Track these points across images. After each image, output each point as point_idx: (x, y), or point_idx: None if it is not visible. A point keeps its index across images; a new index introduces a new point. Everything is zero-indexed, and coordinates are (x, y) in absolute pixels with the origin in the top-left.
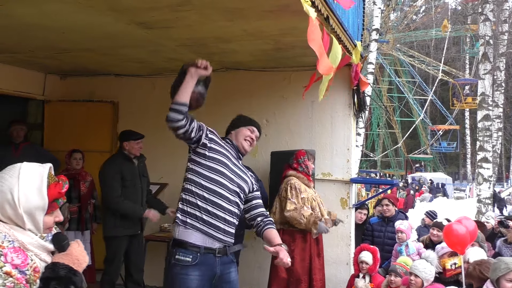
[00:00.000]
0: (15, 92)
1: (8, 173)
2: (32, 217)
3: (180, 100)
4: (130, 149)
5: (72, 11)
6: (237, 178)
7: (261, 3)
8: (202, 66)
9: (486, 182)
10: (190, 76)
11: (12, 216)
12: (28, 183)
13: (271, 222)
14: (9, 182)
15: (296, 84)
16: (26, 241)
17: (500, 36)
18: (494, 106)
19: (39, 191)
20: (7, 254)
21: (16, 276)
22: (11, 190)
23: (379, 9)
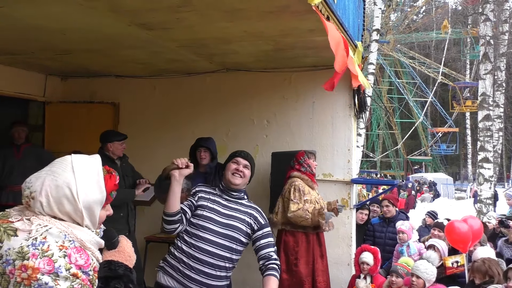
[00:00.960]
0: (16, 94)
1: (60, 167)
2: (90, 212)
3: (172, 211)
4: (114, 150)
5: (73, 13)
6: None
7: (262, 4)
8: (183, 166)
9: (487, 182)
10: (176, 182)
11: (71, 212)
12: (85, 177)
13: (273, 267)
14: (64, 176)
15: (297, 85)
16: (85, 238)
17: (500, 36)
18: (495, 106)
19: (98, 184)
20: (71, 255)
21: (82, 277)
22: (68, 184)
23: (380, 9)
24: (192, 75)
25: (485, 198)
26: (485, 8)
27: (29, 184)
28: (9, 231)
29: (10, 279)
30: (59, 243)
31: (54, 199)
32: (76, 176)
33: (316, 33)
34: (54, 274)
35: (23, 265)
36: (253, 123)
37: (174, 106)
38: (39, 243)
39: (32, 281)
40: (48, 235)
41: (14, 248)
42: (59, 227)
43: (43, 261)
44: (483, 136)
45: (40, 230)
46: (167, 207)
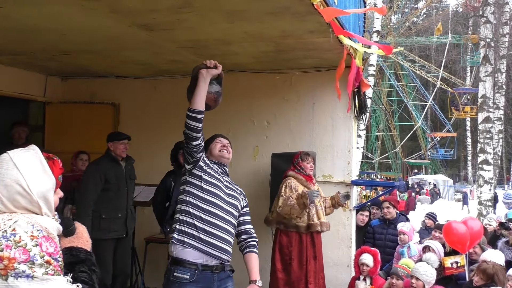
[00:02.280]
0: (16, 94)
1: (2, 167)
2: (45, 200)
3: (197, 108)
4: (115, 150)
5: (74, 13)
6: (230, 198)
7: (262, 5)
8: (211, 66)
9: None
10: (203, 79)
11: (28, 205)
12: (31, 169)
13: (254, 244)
14: (9, 174)
15: (297, 86)
16: (49, 226)
17: (501, 38)
18: (495, 108)
19: (45, 172)
20: (41, 244)
21: (53, 263)
22: (17, 181)
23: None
24: None
25: (485, 200)
26: (486, 10)
27: None
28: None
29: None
30: (29, 233)
31: (7, 198)
32: (22, 171)
33: (316, 34)
34: (30, 262)
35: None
36: (253, 124)
37: (174, 107)
38: (10, 235)
39: (9, 270)
40: (16, 227)
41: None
42: (24, 218)
43: (18, 251)
44: (483, 138)
45: (8, 223)
46: (192, 103)
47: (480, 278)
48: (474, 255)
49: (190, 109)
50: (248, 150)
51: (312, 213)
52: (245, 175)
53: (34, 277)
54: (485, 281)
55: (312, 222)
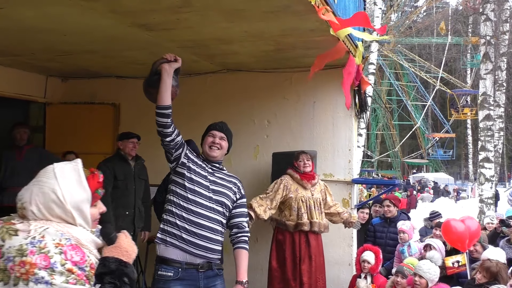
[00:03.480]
0: (17, 95)
1: (44, 175)
2: (80, 211)
3: (165, 103)
4: (124, 148)
5: (74, 14)
6: (217, 195)
7: (262, 4)
8: (171, 59)
9: (488, 182)
10: (167, 73)
11: (62, 214)
12: (67, 179)
13: (244, 240)
14: (48, 183)
15: (298, 85)
16: (81, 237)
17: (501, 36)
18: (496, 106)
19: (80, 183)
20: (66, 252)
21: (77, 272)
22: (53, 190)
23: (380, 9)
24: (192, 76)
25: (486, 198)
26: (486, 8)
27: (20, 197)
28: (11, 231)
29: (10, 274)
30: (56, 241)
31: (43, 205)
32: (59, 180)
33: (316, 33)
34: (50, 269)
35: (22, 261)
36: (254, 124)
37: (174, 107)
38: (37, 241)
39: (30, 275)
40: (46, 234)
41: (14, 246)
42: (56, 227)
43: (39, 257)
44: (484, 136)
45: (39, 230)
46: (160, 100)
47: (483, 276)
48: (475, 253)
49: (159, 106)
50: (249, 150)
51: (302, 212)
52: (246, 174)
53: (53, 284)
54: (488, 279)
55: (301, 221)
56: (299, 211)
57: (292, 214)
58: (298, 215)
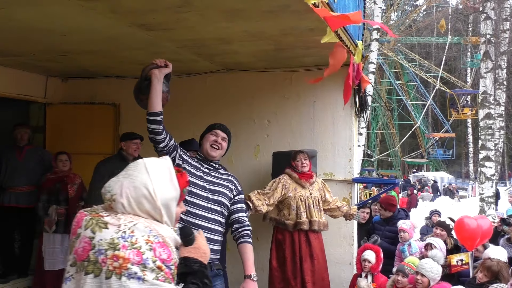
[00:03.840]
0: (17, 95)
1: (135, 170)
2: (168, 209)
3: (156, 110)
4: (127, 149)
5: (74, 14)
6: (215, 195)
7: (262, 3)
8: (161, 64)
9: (489, 181)
10: (157, 79)
11: (151, 210)
12: (160, 176)
13: (247, 234)
14: (140, 178)
15: (298, 84)
16: (166, 234)
17: (501, 34)
18: (496, 105)
19: (171, 182)
20: (155, 249)
21: (165, 270)
22: (145, 185)
23: (380, 8)
24: (192, 75)
25: (487, 197)
26: (486, 6)
27: (109, 188)
28: (101, 224)
29: (102, 267)
30: (145, 237)
31: (134, 199)
32: (151, 176)
33: (316, 32)
34: (142, 265)
35: (115, 255)
36: (254, 123)
37: (174, 107)
38: (128, 236)
39: (123, 270)
40: (135, 229)
41: (106, 239)
42: (143, 223)
43: (132, 252)
44: (485, 134)
45: (128, 224)
46: (150, 106)
47: (484, 275)
48: (476, 252)
49: (150, 112)
50: (249, 149)
51: (301, 211)
52: (246, 173)
53: (145, 280)
54: (489, 278)
55: (300, 220)
56: (298, 210)
57: (291, 213)
58: (297, 214)
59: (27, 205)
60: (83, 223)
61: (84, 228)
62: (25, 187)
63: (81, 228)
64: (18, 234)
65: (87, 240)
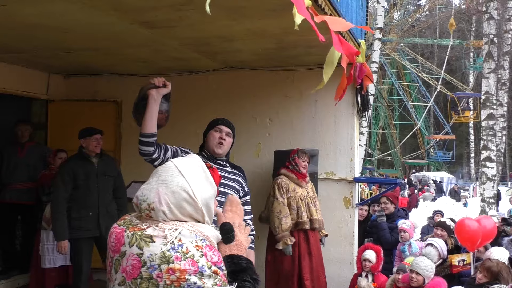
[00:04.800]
0: (19, 92)
1: (167, 174)
2: (208, 208)
3: (148, 132)
4: (88, 146)
5: (76, 11)
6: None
7: (264, 2)
8: (160, 84)
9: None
10: (154, 100)
11: (193, 213)
12: (195, 176)
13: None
14: (176, 181)
15: (300, 83)
16: (209, 234)
17: (504, 34)
18: (498, 105)
19: (207, 179)
20: (206, 254)
21: (220, 273)
22: (183, 188)
23: (383, 7)
24: (194, 73)
25: (488, 197)
26: (489, 6)
27: (144, 197)
28: (146, 238)
29: (158, 282)
30: (193, 243)
31: (174, 204)
32: (187, 178)
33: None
34: (199, 273)
35: (170, 268)
36: (256, 122)
37: (176, 104)
38: (177, 246)
39: (181, 282)
40: (182, 237)
41: (156, 254)
42: (187, 228)
43: (187, 263)
44: (486, 135)
45: (174, 233)
46: (143, 127)
47: (484, 276)
48: (478, 252)
49: (142, 133)
50: (251, 148)
51: (302, 210)
52: (248, 172)
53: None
54: (489, 279)
55: (301, 220)
56: (298, 210)
57: (291, 214)
58: (298, 214)
59: (27, 202)
60: (125, 239)
61: (129, 245)
62: (26, 183)
63: (125, 246)
64: (19, 230)
65: (136, 257)
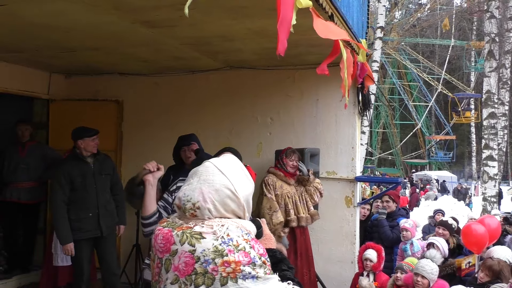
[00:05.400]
0: (20, 91)
1: (208, 173)
2: (248, 204)
3: (149, 213)
4: (86, 147)
5: (77, 11)
6: None
7: (265, 1)
8: (154, 169)
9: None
10: (151, 185)
11: (236, 209)
12: (235, 174)
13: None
14: (218, 180)
15: (301, 83)
16: (251, 229)
17: (505, 33)
18: (500, 104)
19: (246, 176)
20: (254, 246)
21: (267, 263)
22: (226, 186)
23: (384, 6)
24: (195, 73)
25: (490, 196)
26: (490, 5)
27: (188, 198)
28: (196, 235)
29: (214, 276)
30: (241, 237)
31: (219, 202)
32: (228, 176)
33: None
34: (252, 264)
35: (225, 261)
36: (257, 121)
37: (177, 104)
38: (227, 240)
39: (237, 273)
40: (229, 232)
41: (209, 249)
42: (231, 223)
43: (240, 255)
44: (488, 134)
45: (222, 229)
46: (144, 211)
47: (485, 275)
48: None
49: (145, 217)
50: (252, 147)
51: (289, 208)
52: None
53: (258, 277)
54: (490, 278)
55: (289, 217)
56: (286, 207)
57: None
58: (286, 211)
59: (27, 201)
60: (175, 238)
61: (180, 243)
62: (27, 183)
63: (175, 244)
64: (21, 230)
65: (188, 254)
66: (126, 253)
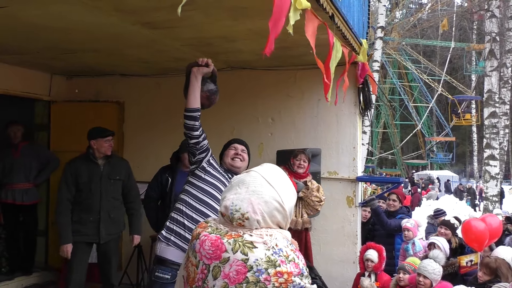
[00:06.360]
0: (21, 93)
1: (256, 184)
2: (291, 215)
3: (192, 106)
4: (99, 148)
5: (78, 12)
6: None
7: (266, 1)
8: (203, 64)
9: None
10: (194, 77)
11: (281, 220)
12: (283, 187)
13: None
14: (267, 192)
15: (302, 83)
16: (289, 239)
17: (506, 32)
18: (501, 103)
19: (292, 189)
20: (299, 256)
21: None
22: (275, 198)
23: (384, 6)
24: None
25: (491, 196)
26: (491, 4)
27: (237, 207)
28: (248, 245)
29: (266, 285)
30: (288, 247)
31: (267, 214)
32: (276, 188)
33: (320, 31)
34: (301, 274)
35: (278, 272)
36: (258, 121)
37: (178, 105)
38: (278, 251)
39: (289, 283)
40: (278, 242)
41: (262, 259)
42: (277, 233)
43: (291, 266)
44: (489, 133)
45: (271, 239)
46: (187, 102)
47: (484, 273)
48: (483, 252)
49: (186, 108)
50: (253, 147)
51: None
52: None
53: (306, 287)
54: (489, 276)
55: None
56: None
57: None
58: None
59: (22, 202)
60: (227, 246)
61: (233, 251)
62: (23, 184)
63: (227, 252)
64: (21, 231)
65: (241, 263)
66: (128, 254)
